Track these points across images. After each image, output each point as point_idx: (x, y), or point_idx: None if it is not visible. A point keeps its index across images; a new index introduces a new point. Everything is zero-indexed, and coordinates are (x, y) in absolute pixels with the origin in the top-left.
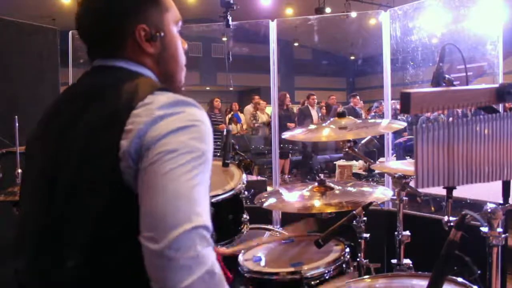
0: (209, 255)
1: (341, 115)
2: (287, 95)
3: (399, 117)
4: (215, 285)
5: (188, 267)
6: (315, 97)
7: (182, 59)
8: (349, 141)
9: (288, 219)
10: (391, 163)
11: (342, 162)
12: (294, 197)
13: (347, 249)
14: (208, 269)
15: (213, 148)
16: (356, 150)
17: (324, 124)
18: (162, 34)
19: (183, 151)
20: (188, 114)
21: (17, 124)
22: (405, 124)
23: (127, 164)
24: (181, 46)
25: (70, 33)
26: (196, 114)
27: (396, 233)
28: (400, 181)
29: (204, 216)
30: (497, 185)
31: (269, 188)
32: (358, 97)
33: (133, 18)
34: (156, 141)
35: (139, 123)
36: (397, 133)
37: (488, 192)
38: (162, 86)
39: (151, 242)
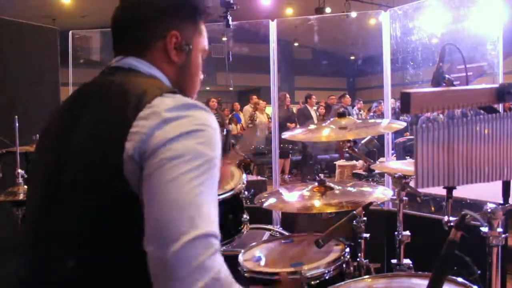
0: (214, 262)
1: (341, 115)
2: (287, 95)
3: (400, 117)
4: None
5: (192, 276)
6: (315, 97)
7: (198, 83)
8: (349, 141)
9: (288, 219)
10: (391, 163)
11: (342, 162)
12: (294, 197)
13: (347, 249)
14: (214, 276)
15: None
16: (356, 150)
17: (324, 124)
18: (191, 47)
19: (189, 157)
20: (195, 118)
21: (17, 124)
22: (404, 124)
23: (131, 167)
24: (200, 72)
25: (70, 33)
26: (204, 118)
27: (396, 233)
28: (400, 181)
29: (209, 223)
30: (497, 185)
31: (269, 188)
32: (347, 95)
33: (169, 23)
34: (161, 146)
35: (144, 127)
36: (398, 133)
37: (488, 192)
38: (172, 89)
39: (155, 252)
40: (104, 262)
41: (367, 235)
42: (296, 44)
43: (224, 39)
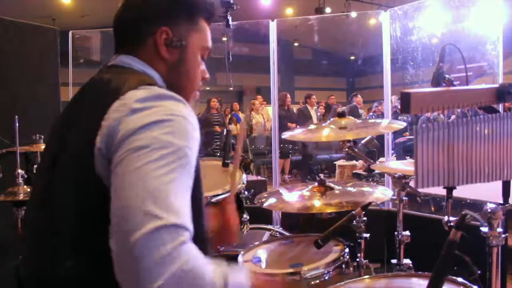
0: (181, 253)
1: (341, 115)
2: (288, 96)
3: (399, 117)
4: (190, 282)
5: (156, 268)
6: (315, 97)
7: (196, 81)
8: (349, 141)
9: (288, 219)
10: (391, 163)
11: (342, 162)
12: (294, 197)
13: (347, 250)
14: (180, 267)
15: (198, 144)
16: (356, 150)
17: (324, 124)
18: (183, 43)
19: (154, 147)
20: (165, 108)
21: (17, 124)
22: (405, 124)
23: (100, 162)
24: (199, 71)
25: (70, 33)
26: (175, 108)
27: (396, 233)
28: (400, 181)
29: (177, 214)
30: (497, 185)
31: (269, 188)
32: (359, 96)
33: (159, 19)
34: (126, 138)
35: (111, 119)
36: (398, 133)
37: (488, 192)
38: (151, 81)
39: (116, 244)
40: (98, 260)
41: (367, 235)
42: (296, 44)
43: (224, 39)
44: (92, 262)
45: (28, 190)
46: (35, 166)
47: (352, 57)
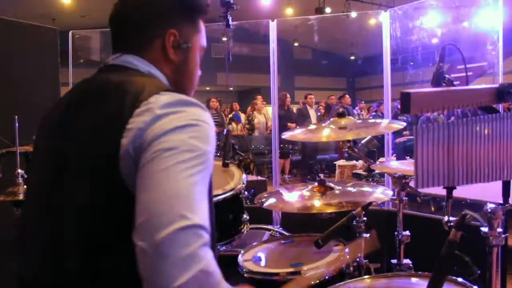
0: (204, 254)
1: (341, 115)
2: (288, 96)
3: (399, 117)
4: (210, 285)
5: (181, 265)
6: (312, 96)
7: (195, 81)
8: (349, 141)
9: (288, 219)
10: (391, 163)
11: (342, 162)
12: (294, 197)
13: (347, 249)
14: (203, 269)
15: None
16: (356, 150)
17: (323, 124)
18: (190, 45)
19: (182, 149)
20: (190, 113)
21: (17, 124)
22: (404, 124)
23: (127, 163)
24: (198, 70)
25: (70, 33)
26: (199, 114)
27: (396, 233)
28: (400, 181)
29: (200, 215)
30: (497, 185)
31: (269, 188)
32: (347, 96)
33: (168, 22)
34: (154, 140)
35: (140, 122)
36: (398, 133)
37: (488, 192)
38: (169, 87)
39: (143, 240)
40: (105, 261)
41: (367, 235)
42: (296, 44)
43: (224, 39)
44: (96, 263)
45: None
46: None
47: (352, 57)
